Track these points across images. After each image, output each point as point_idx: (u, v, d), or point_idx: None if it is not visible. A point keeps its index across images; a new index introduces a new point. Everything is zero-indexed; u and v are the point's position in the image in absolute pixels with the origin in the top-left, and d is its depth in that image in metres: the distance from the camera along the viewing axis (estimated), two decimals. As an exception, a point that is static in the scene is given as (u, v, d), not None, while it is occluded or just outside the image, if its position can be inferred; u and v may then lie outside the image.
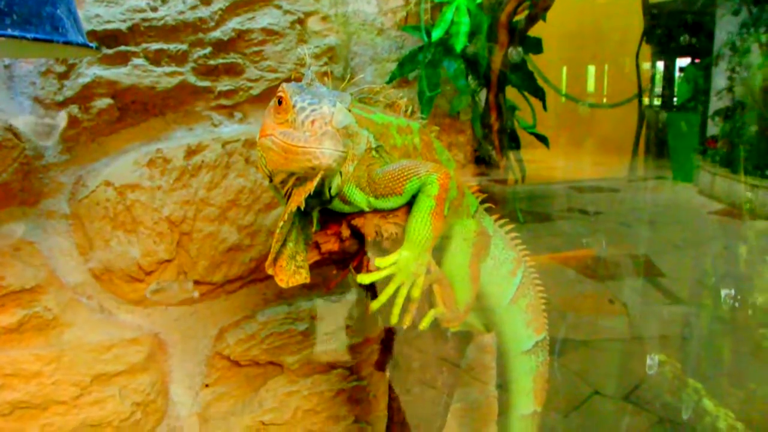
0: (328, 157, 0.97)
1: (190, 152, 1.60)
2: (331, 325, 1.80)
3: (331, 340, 1.81)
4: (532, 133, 1.88)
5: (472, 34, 1.71)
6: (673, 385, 2.65)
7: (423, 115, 1.73)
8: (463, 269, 1.38)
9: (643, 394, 2.67)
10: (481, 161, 1.91)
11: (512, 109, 1.89)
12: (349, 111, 1.03)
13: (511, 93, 1.88)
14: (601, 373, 2.82)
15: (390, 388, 1.53)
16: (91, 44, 1.13)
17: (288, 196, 1.12)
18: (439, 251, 1.36)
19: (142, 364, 1.61)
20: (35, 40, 1.00)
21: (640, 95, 2.32)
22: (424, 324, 1.27)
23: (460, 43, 1.68)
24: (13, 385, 1.49)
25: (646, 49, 2.30)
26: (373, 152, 1.23)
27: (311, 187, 1.05)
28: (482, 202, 1.74)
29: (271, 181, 1.12)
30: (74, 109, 1.50)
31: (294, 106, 0.99)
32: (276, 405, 1.78)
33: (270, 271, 1.17)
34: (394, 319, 1.21)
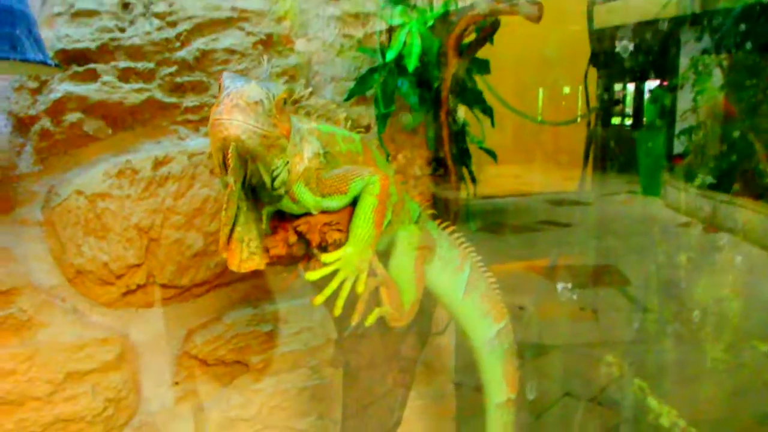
0: (236, 127, 0.97)
1: (158, 163, 1.62)
2: (294, 327, 1.82)
3: (294, 341, 1.83)
4: (481, 148, 1.92)
5: (423, 55, 1.74)
6: (635, 386, 2.69)
7: (380, 129, 1.79)
8: (407, 271, 1.41)
9: (610, 395, 2.71)
10: (436, 174, 1.93)
11: (463, 125, 1.92)
12: (284, 102, 1.07)
13: (464, 110, 1.91)
14: (570, 376, 2.85)
15: (343, 384, 1.55)
16: (51, 62, 1.17)
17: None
18: (385, 256, 1.40)
19: (113, 362, 1.63)
20: None
21: (588, 114, 2.38)
22: (369, 321, 1.31)
23: (412, 64, 1.71)
24: None
25: (593, 71, 2.35)
26: (321, 158, 1.25)
27: (232, 163, 1.04)
28: (436, 211, 1.78)
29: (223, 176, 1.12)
30: (46, 122, 1.52)
31: (226, 88, 1.01)
32: (243, 402, 1.79)
33: (224, 255, 1.18)
34: (337, 311, 1.24)
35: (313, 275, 1.21)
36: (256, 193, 1.17)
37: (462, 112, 1.97)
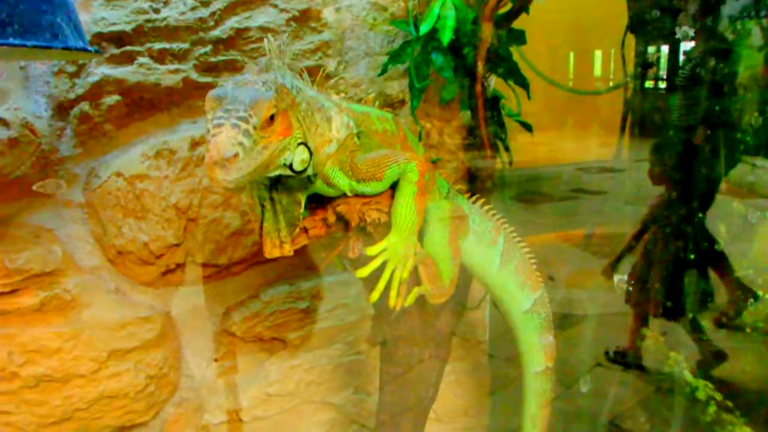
0: (223, 182, 0.95)
1: (194, 144, 1.64)
2: (330, 303, 1.86)
3: (330, 317, 1.87)
4: (517, 121, 1.91)
5: (458, 28, 1.74)
6: (667, 356, 2.69)
7: (413, 104, 1.78)
8: (443, 248, 1.43)
9: (643, 366, 2.73)
10: (471, 147, 1.94)
11: (497, 98, 1.91)
12: (275, 108, 1.02)
13: (499, 83, 1.91)
14: (602, 346, 2.87)
15: (380, 361, 1.59)
16: (90, 48, 1.19)
17: None
18: (419, 234, 1.38)
19: (154, 340, 1.68)
20: (35, 47, 1.05)
21: (626, 81, 2.35)
22: (409, 300, 1.33)
23: (446, 37, 1.70)
24: (37, 360, 1.56)
25: (632, 38, 2.32)
26: (355, 138, 1.26)
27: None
28: (471, 185, 1.84)
29: None
30: (85, 106, 1.55)
31: (209, 123, 0.99)
32: (280, 377, 1.84)
33: (260, 238, 1.22)
34: (392, 302, 1.27)
35: (363, 271, 1.23)
36: (282, 184, 1.18)
37: (496, 84, 1.96)
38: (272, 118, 1.00)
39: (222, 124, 0.95)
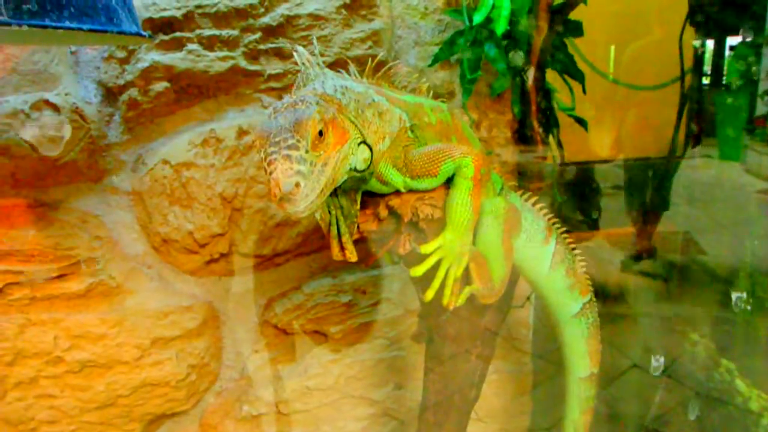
0: (293, 214, 0.96)
1: (242, 132, 1.65)
2: (373, 298, 1.86)
3: (372, 312, 1.87)
4: (571, 116, 1.88)
5: (512, 18, 1.72)
6: (707, 363, 2.64)
7: (464, 96, 1.76)
8: (496, 246, 1.39)
9: (679, 369, 2.67)
10: (521, 141, 1.92)
11: (551, 91, 1.88)
12: (323, 123, 1.01)
13: (552, 75, 1.88)
14: (639, 347, 2.82)
15: (426, 359, 1.57)
16: (144, 33, 1.19)
17: None
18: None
19: (197, 329, 1.71)
20: (91, 31, 1.06)
21: (682, 76, 2.29)
22: (460, 300, 1.30)
23: (500, 27, 1.68)
24: (82, 345, 1.60)
25: (690, 30, 2.26)
26: (409, 132, 1.25)
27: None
28: (521, 181, 1.80)
29: None
30: (134, 92, 1.57)
31: (263, 162, 0.97)
32: (320, 371, 1.85)
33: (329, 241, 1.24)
34: (445, 301, 1.26)
35: (418, 270, 1.22)
36: (339, 186, 1.17)
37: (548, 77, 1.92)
38: (321, 133, 0.99)
39: (275, 159, 0.94)
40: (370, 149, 1.13)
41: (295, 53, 1.15)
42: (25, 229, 1.53)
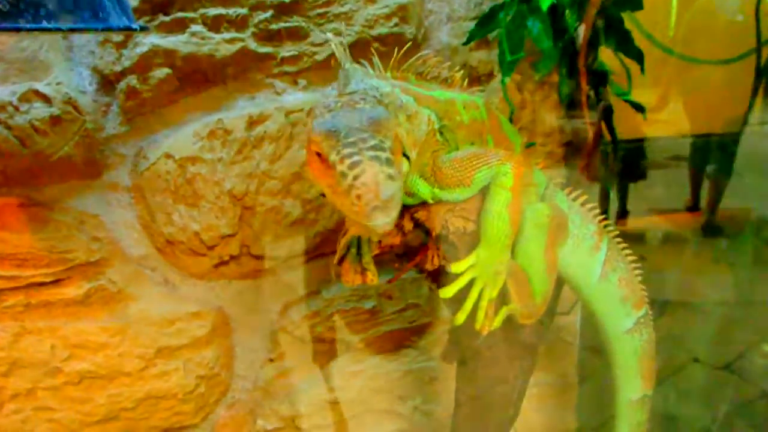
0: (381, 227, 0.88)
1: (252, 123, 1.57)
2: (399, 304, 1.78)
3: (398, 319, 1.79)
4: (626, 101, 1.71)
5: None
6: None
7: (504, 79, 1.62)
8: (538, 259, 1.30)
9: (745, 364, 2.50)
10: (569, 131, 1.81)
11: (605, 73, 1.72)
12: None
13: (606, 55, 1.72)
14: (700, 340, 2.65)
15: (457, 380, 1.49)
16: (135, 25, 1.10)
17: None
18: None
19: (205, 337, 1.64)
20: (72, 30, 0.98)
21: (759, 48, 2.08)
22: (496, 323, 1.22)
23: (546, 0, 1.52)
24: (81, 355, 1.55)
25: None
26: (437, 135, 1.16)
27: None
28: (569, 175, 1.75)
29: (323, 195, 1.05)
30: (132, 79, 1.49)
31: (334, 167, 0.88)
32: (341, 383, 1.79)
33: (335, 268, 1.21)
34: (478, 325, 1.19)
35: (448, 291, 1.15)
36: None
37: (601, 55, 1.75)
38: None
39: (359, 161, 0.86)
40: (408, 160, 1.05)
41: (332, 44, 1.05)
42: (17, 230, 1.48)
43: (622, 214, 2.11)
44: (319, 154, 0.91)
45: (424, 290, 1.78)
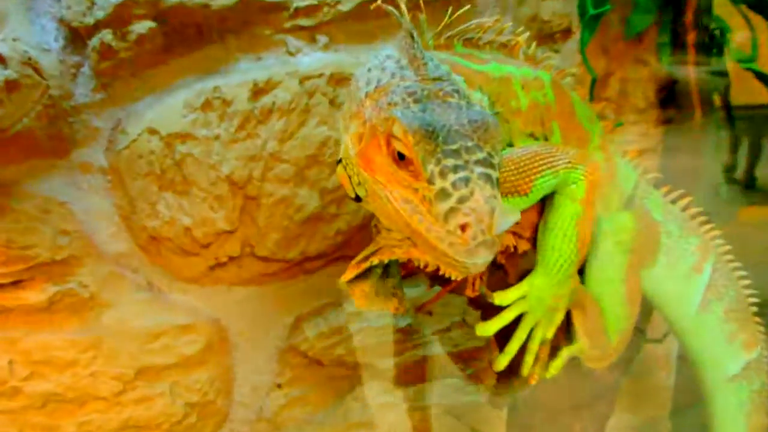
0: (480, 266, 0.82)
1: (258, 91, 1.47)
2: (443, 322, 1.66)
3: (439, 342, 1.67)
4: (749, 69, 1.56)
5: None
6: None
7: (584, 38, 1.52)
8: (615, 286, 1.22)
9: None
10: (670, 105, 1.65)
11: (722, 31, 1.58)
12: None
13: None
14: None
15: (507, 428, 1.44)
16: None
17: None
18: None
19: (198, 356, 1.56)
20: None
21: None
22: (553, 370, 1.16)
23: (643, -68, 1.38)
24: (45, 374, 1.47)
25: None
26: None
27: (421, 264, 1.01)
28: (668, 164, 1.61)
29: (357, 200, 1.00)
30: (107, 35, 1.39)
31: (430, 180, 0.80)
32: (366, 419, 1.68)
33: (343, 287, 1.12)
34: (525, 371, 1.14)
35: (488, 328, 1.08)
36: None
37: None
38: None
39: (466, 178, 0.79)
40: None
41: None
42: (-34, 221, 1.45)
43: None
44: (401, 156, 0.83)
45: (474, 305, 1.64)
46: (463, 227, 0.77)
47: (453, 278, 1.01)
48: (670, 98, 1.66)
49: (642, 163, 1.37)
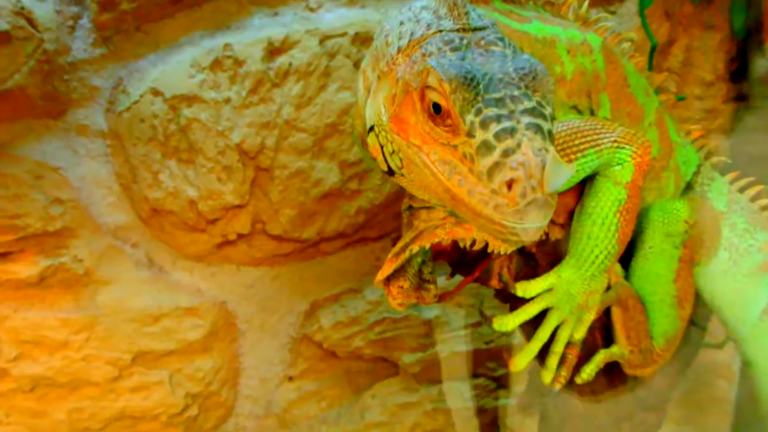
0: (533, 233, 0.75)
1: (273, 50, 1.44)
2: (473, 316, 1.63)
3: (469, 337, 1.63)
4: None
5: None
6: None
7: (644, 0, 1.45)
8: (662, 283, 1.14)
9: None
10: (742, 78, 1.56)
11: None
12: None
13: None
14: None
15: None
16: None
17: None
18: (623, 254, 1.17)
19: (201, 342, 1.54)
20: None
21: None
22: (585, 375, 1.07)
23: None
24: (34, 355, 1.47)
25: None
26: None
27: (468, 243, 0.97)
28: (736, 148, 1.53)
29: (390, 173, 0.94)
30: (109, -18, 1.41)
31: (469, 133, 0.75)
32: (385, 418, 1.64)
33: (379, 286, 1.07)
34: (547, 377, 1.07)
35: (507, 323, 1.02)
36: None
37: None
38: None
39: (512, 128, 0.74)
40: None
41: None
42: (-49, 186, 1.45)
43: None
44: (436, 109, 0.78)
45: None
46: (510, 184, 0.72)
47: (502, 252, 0.98)
48: (743, 70, 1.59)
49: (707, 145, 1.30)
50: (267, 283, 1.58)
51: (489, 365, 1.65)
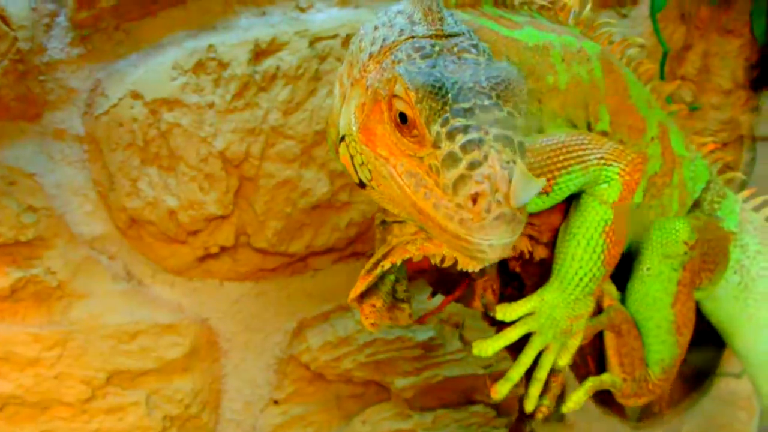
0: (500, 250, 0.76)
1: (260, 52, 1.46)
2: (470, 335, 1.62)
3: (467, 361, 1.62)
4: None
5: None
6: None
7: (657, 3, 1.44)
8: (659, 308, 1.14)
9: None
10: (763, 86, 1.56)
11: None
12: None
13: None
14: None
15: None
16: None
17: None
18: (619, 275, 1.18)
19: (181, 362, 1.54)
20: None
21: None
22: (572, 404, 1.07)
23: None
24: (3, 372, 1.48)
25: None
26: None
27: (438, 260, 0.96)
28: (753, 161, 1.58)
29: (361, 185, 0.95)
30: (86, -21, 1.45)
31: (435, 144, 0.76)
32: None
33: (353, 305, 1.08)
34: (529, 406, 1.07)
35: (486, 348, 1.03)
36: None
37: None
38: None
39: (479, 140, 0.75)
40: None
41: None
42: None
43: None
44: (402, 119, 0.80)
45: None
46: (475, 198, 0.72)
47: (470, 270, 0.95)
48: (764, 78, 1.58)
49: (720, 159, 1.30)
50: (251, 300, 1.59)
51: (487, 391, 1.65)
